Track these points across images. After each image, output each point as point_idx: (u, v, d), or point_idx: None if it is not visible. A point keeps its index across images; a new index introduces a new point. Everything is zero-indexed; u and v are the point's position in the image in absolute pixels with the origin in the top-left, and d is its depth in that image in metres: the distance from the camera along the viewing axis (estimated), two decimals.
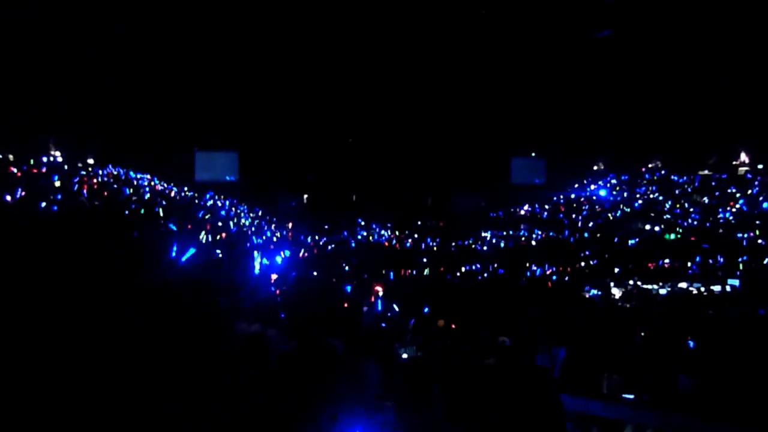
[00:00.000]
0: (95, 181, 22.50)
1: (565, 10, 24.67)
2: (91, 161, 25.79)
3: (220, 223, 20.97)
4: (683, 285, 19.29)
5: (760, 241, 22.49)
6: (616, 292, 19.21)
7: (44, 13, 20.37)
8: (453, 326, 9.23)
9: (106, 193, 19.67)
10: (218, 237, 18.42)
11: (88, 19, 21.69)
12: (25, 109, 20.77)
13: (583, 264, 23.73)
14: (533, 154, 37.56)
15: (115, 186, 22.55)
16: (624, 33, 24.53)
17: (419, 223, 36.25)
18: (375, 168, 35.72)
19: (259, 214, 31.40)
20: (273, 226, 30.09)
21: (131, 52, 23.92)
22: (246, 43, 25.79)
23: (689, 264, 21.47)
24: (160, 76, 26.14)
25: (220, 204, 29.04)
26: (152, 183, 27.56)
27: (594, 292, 19.28)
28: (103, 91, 24.59)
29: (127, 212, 15.16)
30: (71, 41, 22.07)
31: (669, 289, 19.10)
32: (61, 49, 22.02)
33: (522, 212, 35.33)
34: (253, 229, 26.10)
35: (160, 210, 19.63)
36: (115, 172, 26.10)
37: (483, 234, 33.21)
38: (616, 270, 21.62)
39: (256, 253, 12.65)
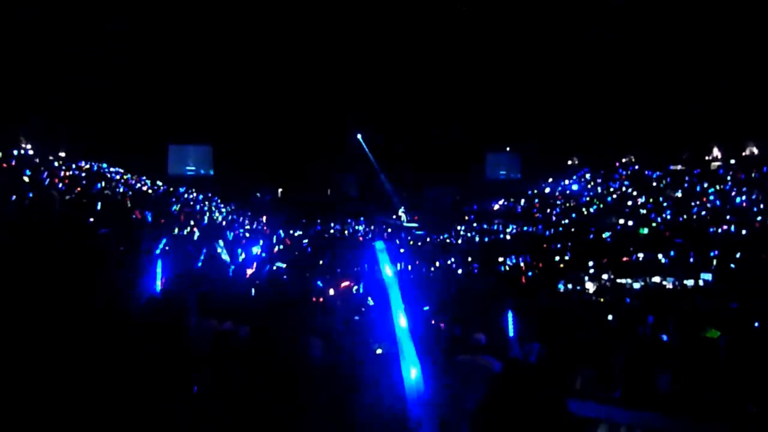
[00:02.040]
0: (67, 174, 22.15)
1: (540, 5, 24.87)
2: (62, 154, 25.40)
3: (192, 221, 20.63)
4: (657, 279, 19.47)
5: (732, 235, 22.78)
6: (590, 287, 19.32)
7: (13, 2, 20.02)
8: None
9: (79, 189, 19.35)
10: (191, 231, 18.19)
11: (60, 11, 21.39)
12: None
13: (557, 258, 23.82)
14: (508, 149, 38.00)
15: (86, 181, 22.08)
16: (598, 27, 24.78)
17: (394, 217, 36.30)
18: (350, 162, 35.75)
19: (232, 208, 31.21)
20: (247, 219, 29.89)
21: (104, 44, 23.63)
22: (220, 34, 25.57)
23: (662, 258, 21.67)
24: (133, 68, 25.87)
25: (193, 198, 28.84)
26: (125, 177, 27.19)
27: (568, 286, 19.36)
28: (75, 84, 24.28)
29: (99, 206, 14.90)
30: (43, 33, 21.76)
31: (643, 283, 19.27)
32: (33, 40, 21.70)
33: (496, 206, 35.50)
34: (225, 223, 25.84)
35: (130, 202, 19.32)
36: (87, 166, 25.70)
37: (457, 228, 33.33)
38: (591, 264, 21.72)
39: (220, 248, 12.50)
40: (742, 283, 16.37)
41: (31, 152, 22.93)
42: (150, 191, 26.76)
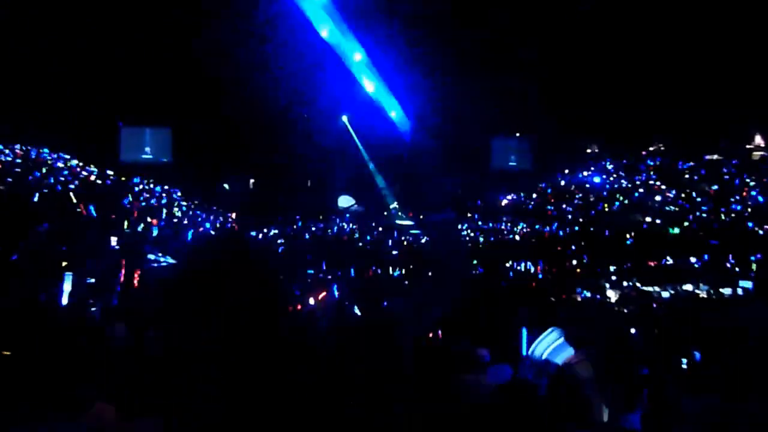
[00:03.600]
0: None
1: None
2: None
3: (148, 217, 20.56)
4: (688, 287, 19.51)
5: None
6: (612, 295, 19.41)
7: None
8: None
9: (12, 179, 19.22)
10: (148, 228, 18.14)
11: None
12: None
13: (574, 262, 23.92)
14: (517, 134, 37.89)
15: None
16: None
17: (385, 213, 36.24)
18: (334, 150, 35.64)
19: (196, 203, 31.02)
20: (213, 216, 29.79)
21: (45, 11, 23.38)
22: None
23: (695, 262, 21.75)
24: (78, 37, 25.56)
25: (149, 190, 28.69)
26: (69, 164, 26.99)
27: (586, 294, 19.44)
28: (10, 55, 23.99)
29: (37, 198, 14.82)
30: None
31: (672, 291, 19.31)
32: None
33: (504, 201, 35.49)
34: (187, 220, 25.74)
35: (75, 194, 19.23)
36: (23, 151, 25.50)
37: (459, 227, 33.32)
38: (612, 269, 21.80)
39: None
40: None
41: None
42: (98, 181, 26.58)
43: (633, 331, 11.08)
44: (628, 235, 26.30)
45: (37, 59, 24.97)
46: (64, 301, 5.45)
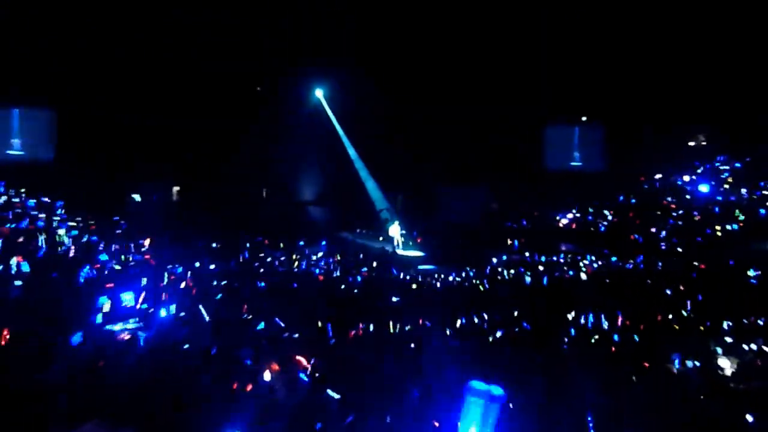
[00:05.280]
0: None
1: None
2: None
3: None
4: None
5: None
6: (725, 365, 19.44)
7: None
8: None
9: None
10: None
11: None
12: None
13: (667, 313, 24.00)
14: (584, 119, 37.89)
15: None
16: None
17: (380, 239, 36.31)
18: (302, 141, 35.82)
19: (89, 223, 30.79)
20: (115, 244, 29.72)
21: None
22: None
23: None
24: None
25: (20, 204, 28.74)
26: None
27: (687, 363, 19.49)
28: None
29: None
30: None
31: None
32: None
33: (563, 221, 35.47)
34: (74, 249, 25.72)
35: None
36: None
37: (494, 260, 33.29)
38: (726, 324, 21.86)
39: None
40: None
41: None
42: None
43: (750, 419, 11.17)
44: (750, 271, 26.37)
45: None
46: None
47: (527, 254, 33.43)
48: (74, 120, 31.49)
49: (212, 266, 29.12)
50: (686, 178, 35.18)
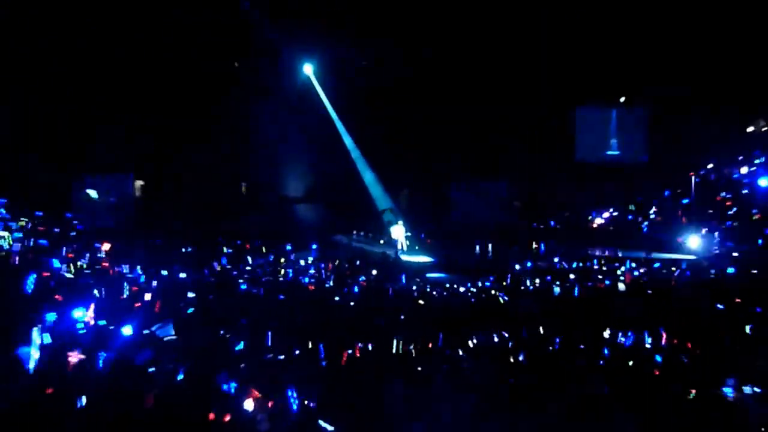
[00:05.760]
0: None
1: None
2: None
3: None
4: None
5: None
6: None
7: None
8: None
9: None
10: None
11: None
12: None
13: (722, 330, 24.06)
14: (622, 100, 37.83)
15: None
16: None
17: (381, 242, 36.38)
18: (292, 130, 35.92)
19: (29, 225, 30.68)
20: (65, 248, 29.72)
21: None
22: None
23: None
24: None
25: None
26: None
27: (745, 389, 19.50)
28: None
29: None
30: None
31: None
32: None
33: (598, 220, 35.48)
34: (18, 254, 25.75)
35: None
36: None
37: (516, 267, 33.28)
38: None
39: None
40: None
41: None
42: None
43: None
44: None
45: None
46: None
47: (556, 260, 33.44)
48: (16, 106, 31.53)
49: (182, 275, 29.08)
50: (743, 170, 35.23)
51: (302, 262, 34.42)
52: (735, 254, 30.91)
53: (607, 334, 24.29)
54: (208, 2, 30.66)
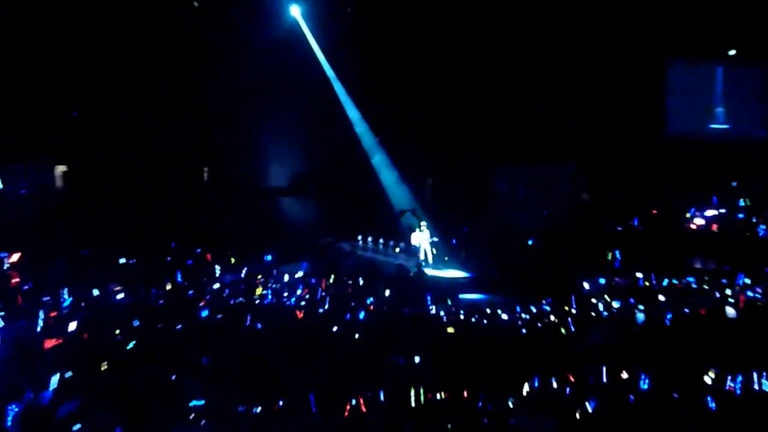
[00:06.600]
0: None
1: None
2: None
3: None
4: None
5: None
6: None
7: None
8: None
9: None
10: None
11: None
12: None
13: None
14: (732, 53, 37.53)
15: None
16: None
17: (397, 251, 36.21)
18: (274, 95, 35.76)
19: None
20: None
21: None
22: None
23: None
24: None
25: None
26: None
27: None
28: None
29: None
30: None
31: None
32: None
33: (698, 221, 35.39)
34: None
35: None
36: None
37: (585, 285, 33.04)
38: None
39: None
40: None
41: None
42: None
43: None
44: None
45: None
46: None
47: (639, 275, 33.12)
48: None
49: (120, 296, 28.78)
50: None
51: (287, 278, 34.10)
52: None
53: (710, 377, 23.90)
54: None
